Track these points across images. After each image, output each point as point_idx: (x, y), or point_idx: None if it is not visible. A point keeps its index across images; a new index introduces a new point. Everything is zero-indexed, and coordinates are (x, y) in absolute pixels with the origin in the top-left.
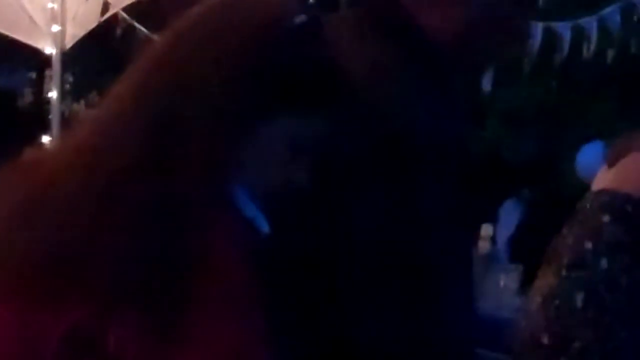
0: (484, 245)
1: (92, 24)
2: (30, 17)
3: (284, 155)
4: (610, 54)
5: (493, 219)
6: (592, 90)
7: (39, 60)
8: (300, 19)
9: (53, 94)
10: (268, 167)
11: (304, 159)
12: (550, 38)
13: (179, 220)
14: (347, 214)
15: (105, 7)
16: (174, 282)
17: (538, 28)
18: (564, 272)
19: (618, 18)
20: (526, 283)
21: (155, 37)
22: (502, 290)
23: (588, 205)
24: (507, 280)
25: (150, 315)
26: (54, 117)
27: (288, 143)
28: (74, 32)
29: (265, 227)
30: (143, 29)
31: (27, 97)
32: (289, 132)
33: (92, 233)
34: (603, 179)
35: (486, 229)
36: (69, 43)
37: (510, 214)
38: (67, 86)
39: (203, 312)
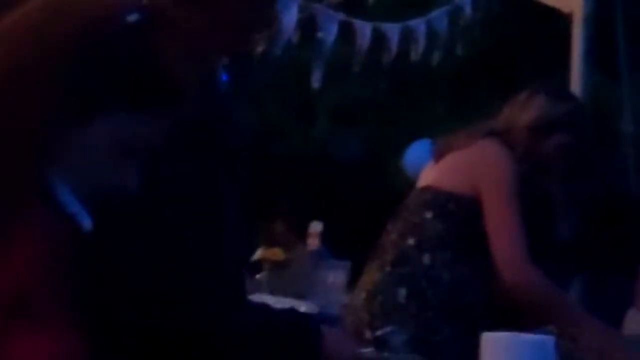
0: (313, 242)
1: None
2: None
3: (111, 155)
4: (437, 55)
5: (324, 216)
6: (420, 91)
7: None
8: (133, 17)
9: None
10: (94, 165)
11: (132, 160)
12: (379, 39)
13: None
14: (173, 222)
15: None
16: None
17: (367, 29)
18: (387, 268)
19: (445, 21)
20: (354, 279)
21: None
22: (330, 287)
23: (412, 202)
24: (335, 276)
25: None
26: None
27: (116, 143)
28: None
29: (87, 224)
30: None
31: None
32: (117, 132)
33: None
34: (427, 177)
35: (315, 226)
36: None
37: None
38: None
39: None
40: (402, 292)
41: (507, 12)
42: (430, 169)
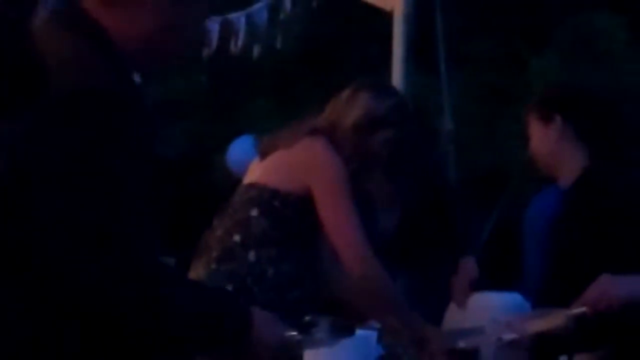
0: None
1: None
2: None
3: None
4: (257, 49)
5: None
6: (243, 85)
7: None
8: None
9: None
10: None
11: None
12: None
13: None
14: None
15: None
16: None
17: None
18: (213, 265)
19: (265, 15)
20: None
21: None
22: None
23: (237, 199)
24: None
25: None
26: None
27: None
28: None
29: None
30: None
31: None
32: None
33: None
34: (252, 174)
35: None
36: None
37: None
38: None
39: None
40: (228, 289)
41: (330, 8)
42: (255, 165)
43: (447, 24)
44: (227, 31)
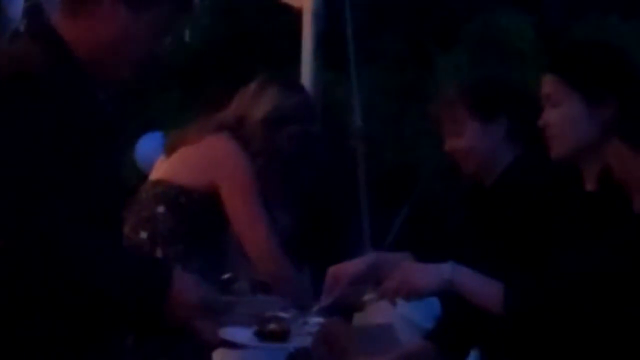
0: None
1: None
2: None
3: None
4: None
5: None
6: (151, 81)
7: None
8: None
9: None
10: None
11: None
12: None
13: None
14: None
15: None
16: None
17: None
18: None
19: None
20: None
21: None
22: None
23: (144, 196)
24: None
25: None
26: None
27: None
28: None
29: None
30: None
31: None
32: None
33: None
34: (159, 170)
35: None
36: None
37: None
38: None
39: None
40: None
41: (240, 3)
42: (161, 162)
43: (356, 21)
44: None
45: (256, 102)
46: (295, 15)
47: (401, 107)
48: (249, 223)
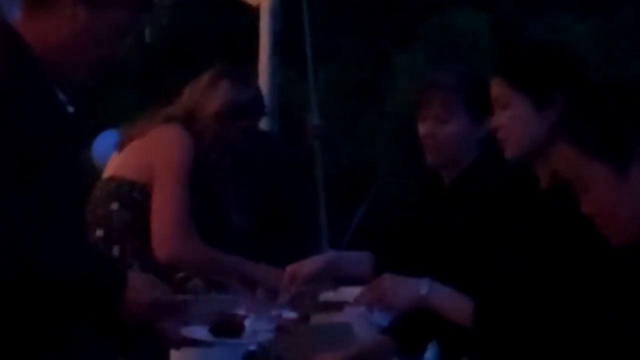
0: None
1: None
2: None
3: None
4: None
5: None
6: (109, 79)
7: None
8: None
9: None
10: None
11: None
12: None
13: None
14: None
15: None
16: None
17: None
18: None
19: None
20: None
21: None
22: None
23: (98, 193)
24: None
25: None
26: None
27: None
28: None
29: None
30: None
31: None
32: None
33: None
34: (111, 167)
35: None
36: None
37: None
38: None
39: None
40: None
41: (198, 2)
42: (114, 158)
43: (313, 19)
44: None
45: (208, 95)
46: (253, 13)
47: (357, 105)
48: (158, 208)
